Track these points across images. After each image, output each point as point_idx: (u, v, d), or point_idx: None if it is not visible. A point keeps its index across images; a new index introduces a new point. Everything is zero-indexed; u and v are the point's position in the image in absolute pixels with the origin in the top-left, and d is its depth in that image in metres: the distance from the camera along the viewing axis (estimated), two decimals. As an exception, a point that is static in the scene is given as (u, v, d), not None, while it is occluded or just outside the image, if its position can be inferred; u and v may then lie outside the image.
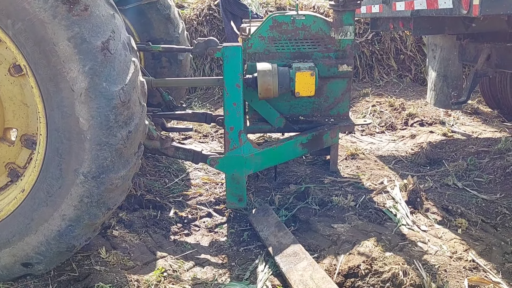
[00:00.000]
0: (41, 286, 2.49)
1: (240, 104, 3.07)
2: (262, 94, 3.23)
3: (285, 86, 3.25)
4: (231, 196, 3.28)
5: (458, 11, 2.79)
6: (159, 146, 3.27)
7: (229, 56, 3.00)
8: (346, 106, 3.70)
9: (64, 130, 2.20)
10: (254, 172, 3.56)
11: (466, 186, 3.65)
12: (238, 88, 3.03)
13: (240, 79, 3.03)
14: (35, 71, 2.17)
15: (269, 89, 3.20)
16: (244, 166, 3.21)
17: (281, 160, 3.58)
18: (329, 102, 3.67)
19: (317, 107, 3.68)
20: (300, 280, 2.39)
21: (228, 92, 3.05)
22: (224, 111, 3.10)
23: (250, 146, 3.22)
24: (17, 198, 2.40)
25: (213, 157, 3.23)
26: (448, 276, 2.45)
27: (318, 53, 3.53)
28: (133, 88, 2.29)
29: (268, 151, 3.35)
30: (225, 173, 3.27)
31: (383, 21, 4.41)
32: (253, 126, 3.71)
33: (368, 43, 7.54)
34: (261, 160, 3.32)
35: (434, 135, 5.01)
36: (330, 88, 3.63)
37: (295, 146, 3.48)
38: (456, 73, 4.59)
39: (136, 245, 2.95)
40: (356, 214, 3.17)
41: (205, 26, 7.80)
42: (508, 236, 2.90)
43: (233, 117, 3.10)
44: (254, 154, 3.24)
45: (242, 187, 3.24)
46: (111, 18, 2.23)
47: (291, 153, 3.54)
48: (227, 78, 3.03)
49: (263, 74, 3.17)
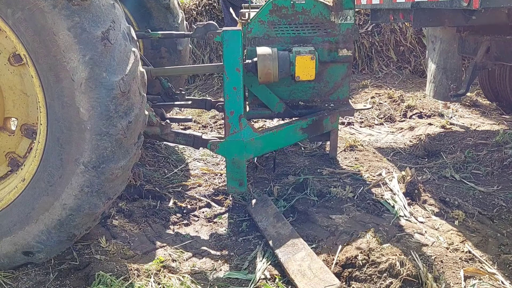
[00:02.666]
0: (41, 274, 2.52)
1: (240, 88, 3.06)
2: (262, 79, 3.22)
3: (285, 70, 3.23)
4: (232, 181, 3.27)
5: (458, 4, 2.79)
6: (159, 132, 3.26)
7: (228, 40, 2.98)
8: (346, 91, 3.69)
9: (64, 120, 2.21)
10: (254, 157, 3.55)
11: (464, 178, 3.67)
12: (238, 72, 3.03)
13: (240, 63, 3.02)
14: (35, 61, 2.17)
15: (269, 73, 3.18)
16: (245, 150, 3.21)
17: (281, 144, 3.58)
18: (329, 87, 3.66)
19: (317, 92, 3.67)
20: (298, 270, 2.42)
21: (228, 77, 3.04)
22: (224, 96, 3.10)
23: (250, 130, 3.22)
24: (18, 188, 2.41)
25: (213, 142, 3.22)
26: (445, 267, 2.48)
27: (318, 37, 3.51)
28: (133, 78, 2.29)
29: (268, 136, 3.35)
30: (226, 158, 3.27)
31: (383, 12, 4.39)
32: (253, 111, 3.70)
33: (367, 35, 7.52)
34: (261, 145, 3.31)
35: (433, 127, 5.03)
36: (330, 73, 3.61)
37: (295, 130, 3.48)
38: (456, 65, 4.59)
39: (135, 234, 2.97)
40: (354, 206, 3.19)
41: (205, 16, 7.76)
42: (504, 228, 2.93)
43: (233, 101, 3.09)
44: (254, 139, 3.24)
45: (242, 172, 3.25)
46: (111, 8, 2.23)
47: (291, 138, 3.54)
48: (227, 62, 3.02)
49: (263, 58, 3.16)
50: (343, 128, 5.20)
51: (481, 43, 4.01)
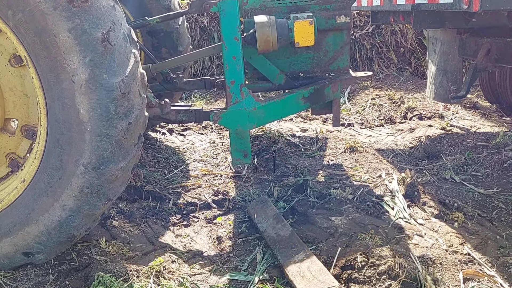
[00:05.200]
0: (41, 275, 2.52)
1: (239, 57, 3.04)
2: (262, 47, 3.16)
3: (284, 37, 3.18)
4: (236, 152, 3.24)
5: (458, 6, 2.79)
6: (159, 112, 3.20)
7: (225, 9, 2.97)
8: (346, 60, 3.63)
9: (64, 121, 2.21)
10: (257, 127, 3.47)
11: (464, 180, 3.67)
12: (236, 41, 3.01)
13: (238, 31, 3.00)
14: (36, 62, 2.18)
15: (268, 40, 3.13)
16: (248, 120, 3.18)
17: (284, 114, 3.55)
18: (329, 56, 3.61)
19: (316, 62, 3.61)
20: (298, 272, 2.42)
21: (226, 46, 3.02)
22: (224, 66, 3.08)
23: (252, 99, 3.18)
24: (18, 188, 2.42)
25: (216, 113, 3.17)
26: (444, 269, 2.48)
27: (315, 5, 3.45)
28: (133, 79, 2.30)
29: (271, 105, 3.31)
30: (229, 129, 3.23)
31: (383, 14, 4.40)
32: (253, 85, 3.65)
33: (368, 36, 7.53)
34: (264, 114, 3.28)
35: (433, 128, 5.03)
36: (329, 41, 3.55)
37: (297, 99, 3.43)
38: (456, 67, 4.59)
39: (135, 235, 2.98)
40: (354, 207, 3.19)
41: (205, 17, 7.77)
42: (503, 230, 2.93)
43: (233, 70, 3.07)
44: (256, 108, 3.21)
45: (246, 142, 3.22)
46: (111, 10, 2.23)
47: (294, 107, 3.50)
48: (225, 32, 3.01)
49: (261, 25, 3.11)
50: (343, 130, 5.20)
51: (482, 45, 4.01)
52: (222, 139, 5.09)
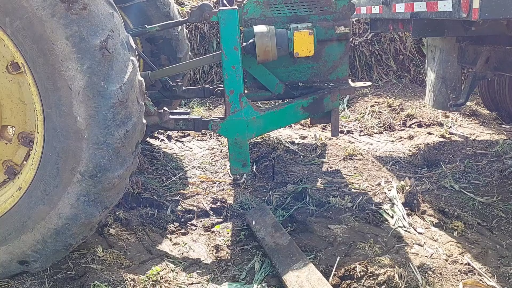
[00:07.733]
0: (37, 284, 2.50)
1: (239, 66, 3.05)
2: (261, 57, 3.17)
3: (283, 48, 3.18)
4: (235, 162, 3.23)
5: (457, 15, 2.79)
6: (158, 121, 3.20)
7: (225, 19, 2.98)
8: (345, 70, 3.65)
9: (61, 128, 2.20)
10: (256, 136, 3.46)
11: (463, 188, 3.66)
12: (236, 50, 3.02)
13: (238, 41, 3.01)
14: (33, 69, 2.16)
15: (267, 50, 3.14)
16: (246, 129, 3.17)
17: (283, 123, 3.54)
18: (328, 66, 3.62)
19: (316, 72, 3.62)
20: (296, 281, 2.39)
21: (226, 56, 3.03)
22: (223, 75, 3.08)
23: (251, 109, 3.18)
24: (14, 196, 2.40)
25: (215, 122, 3.16)
26: (443, 279, 2.46)
27: (314, 16, 3.47)
28: (131, 87, 2.29)
29: (270, 114, 3.31)
30: (228, 138, 3.22)
31: (382, 22, 4.40)
32: (252, 94, 3.64)
33: (367, 43, 7.54)
34: (263, 124, 3.27)
35: (432, 136, 5.02)
36: (328, 51, 3.57)
37: (296, 109, 3.44)
38: (455, 75, 4.59)
39: (132, 243, 2.95)
40: (353, 215, 3.17)
41: (205, 24, 7.78)
42: (503, 239, 2.91)
43: (232, 80, 3.07)
44: (256, 117, 3.20)
45: (245, 152, 3.21)
46: (110, 17, 2.23)
47: (293, 117, 3.50)
48: (224, 42, 3.01)
49: (261, 35, 3.12)
50: (343, 137, 5.19)
51: (481, 53, 4.02)
52: (221, 146, 5.07)
